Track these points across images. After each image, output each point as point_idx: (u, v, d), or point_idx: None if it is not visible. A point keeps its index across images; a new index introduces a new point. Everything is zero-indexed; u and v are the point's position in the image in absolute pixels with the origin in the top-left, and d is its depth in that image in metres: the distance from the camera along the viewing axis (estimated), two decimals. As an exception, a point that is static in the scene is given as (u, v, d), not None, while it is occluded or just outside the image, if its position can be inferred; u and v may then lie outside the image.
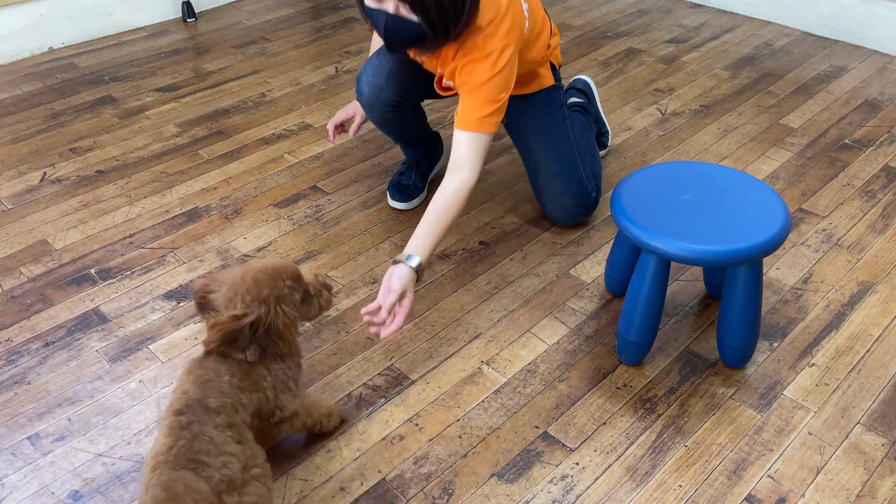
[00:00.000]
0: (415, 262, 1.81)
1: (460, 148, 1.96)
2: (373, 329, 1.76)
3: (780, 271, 2.24)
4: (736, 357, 1.90)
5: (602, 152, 2.74)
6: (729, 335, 1.87)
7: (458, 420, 1.82)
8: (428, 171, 2.56)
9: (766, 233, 1.74)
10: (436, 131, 2.60)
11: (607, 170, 2.67)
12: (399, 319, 1.77)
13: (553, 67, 2.34)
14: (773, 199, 1.84)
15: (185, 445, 1.33)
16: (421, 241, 1.85)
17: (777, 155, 2.76)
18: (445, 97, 2.27)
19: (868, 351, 1.99)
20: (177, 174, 2.68)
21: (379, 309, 1.75)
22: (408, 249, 1.83)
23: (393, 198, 2.49)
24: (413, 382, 1.91)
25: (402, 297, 1.78)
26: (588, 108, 2.64)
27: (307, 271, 1.77)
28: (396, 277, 1.78)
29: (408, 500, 1.64)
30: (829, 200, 2.53)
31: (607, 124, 2.78)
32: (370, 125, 2.92)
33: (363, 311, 1.76)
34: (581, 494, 1.65)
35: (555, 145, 2.27)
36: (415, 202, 2.51)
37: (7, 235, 2.40)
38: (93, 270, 2.26)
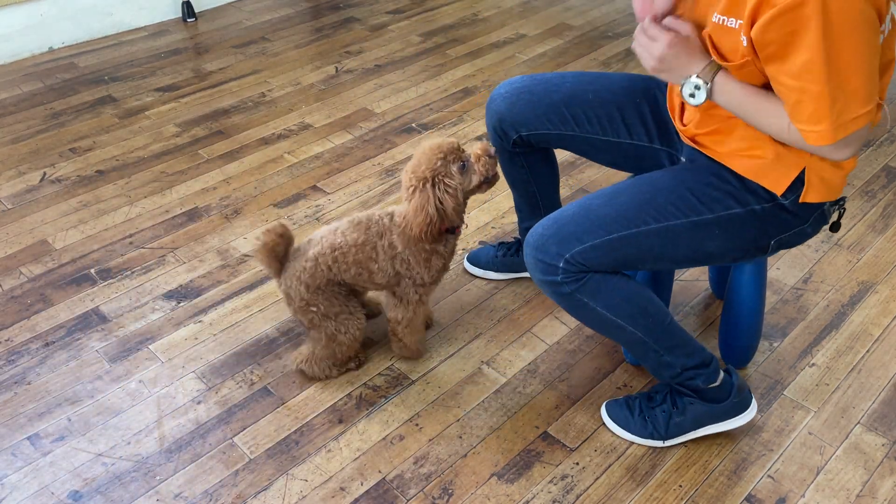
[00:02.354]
0: (700, 96, 1.42)
1: None
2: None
3: (780, 271, 2.24)
4: (739, 357, 1.90)
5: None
6: (732, 335, 1.87)
7: (458, 420, 1.82)
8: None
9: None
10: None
11: (608, 170, 2.67)
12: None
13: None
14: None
15: None
16: (727, 84, 1.41)
17: (777, 155, 2.76)
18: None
19: (868, 351, 1.99)
20: (177, 174, 2.68)
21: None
22: (715, 81, 1.42)
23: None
24: (413, 382, 1.91)
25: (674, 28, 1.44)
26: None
27: (473, 143, 1.77)
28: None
29: (408, 500, 1.64)
30: (829, 200, 2.53)
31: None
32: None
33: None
34: (581, 494, 1.65)
35: (636, 185, 1.58)
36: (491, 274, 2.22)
37: (7, 235, 2.40)
38: (93, 270, 2.26)
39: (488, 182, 1.77)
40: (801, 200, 1.49)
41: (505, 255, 2.19)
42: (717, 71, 1.41)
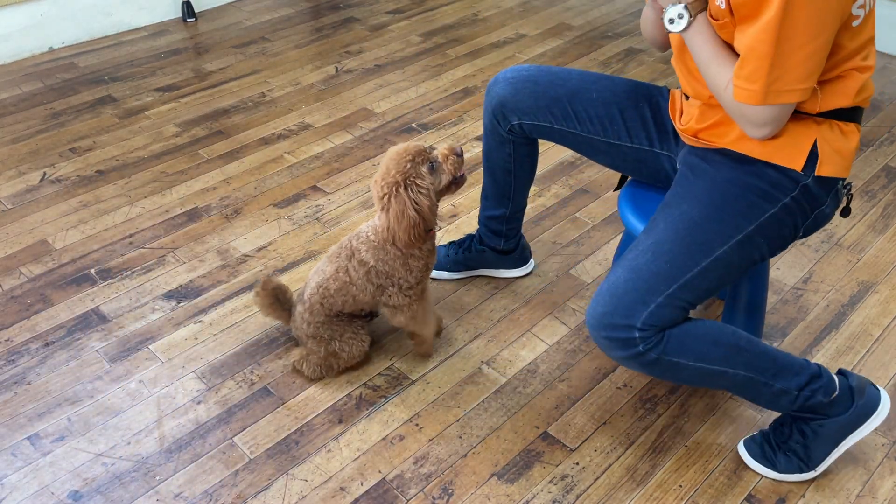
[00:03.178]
0: (681, 24, 1.46)
1: None
2: None
3: (780, 271, 2.24)
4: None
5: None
6: (736, 322, 1.86)
7: (458, 420, 1.82)
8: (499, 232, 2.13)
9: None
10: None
11: (608, 170, 2.66)
12: None
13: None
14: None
15: None
16: (704, 25, 1.46)
17: (777, 155, 2.76)
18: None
19: (868, 351, 1.99)
20: (177, 174, 2.68)
21: None
22: (697, 18, 1.46)
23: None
24: (413, 382, 1.91)
25: None
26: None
27: (441, 145, 1.78)
28: None
29: (408, 500, 1.64)
30: (829, 200, 2.53)
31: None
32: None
33: None
34: (581, 494, 1.65)
35: (672, 228, 1.52)
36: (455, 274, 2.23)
37: (7, 235, 2.40)
38: (93, 270, 2.26)
39: (456, 183, 1.78)
40: (817, 174, 1.49)
41: (457, 254, 2.19)
42: (701, 11, 1.45)
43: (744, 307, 1.85)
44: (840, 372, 1.63)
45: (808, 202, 1.52)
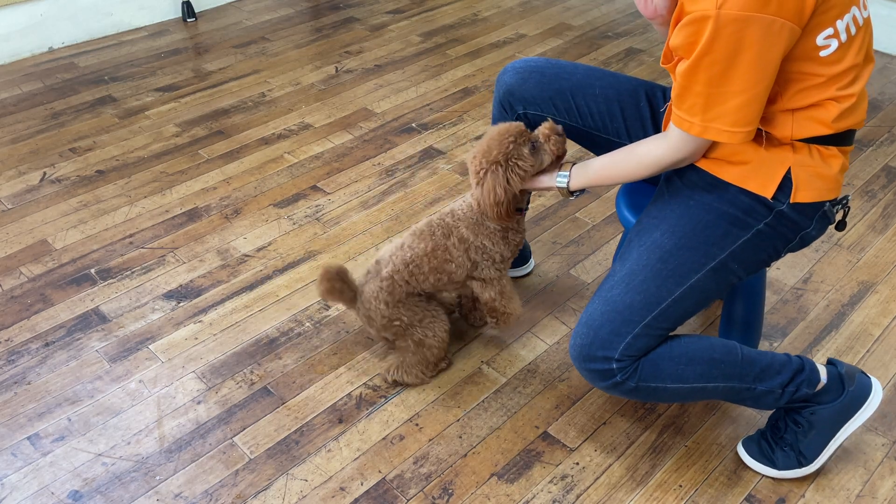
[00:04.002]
0: (563, 181, 1.70)
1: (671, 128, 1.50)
2: None
3: (780, 271, 2.24)
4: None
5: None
6: (732, 335, 1.87)
7: (458, 420, 1.82)
8: None
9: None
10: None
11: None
12: None
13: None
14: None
15: None
16: (580, 171, 1.68)
17: (777, 155, 2.76)
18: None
19: (868, 351, 1.99)
20: (177, 174, 2.68)
21: None
22: (571, 171, 1.69)
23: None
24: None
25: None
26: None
27: (542, 125, 1.76)
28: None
29: (408, 500, 1.64)
30: (829, 200, 2.53)
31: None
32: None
33: None
34: (581, 494, 1.66)
35: (644, 258, 1.54)
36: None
37: (7, 235, 2.40)
38: (93, 270, 2.26)
39: (558, 160, 1.77)
40: (793, 200, 1.48)
41: None
42: (570, 167, 1.69)
43: (739, 324, 1.84)
44: (830, 362, 1.64)
45: (786, 227, 1.51)
